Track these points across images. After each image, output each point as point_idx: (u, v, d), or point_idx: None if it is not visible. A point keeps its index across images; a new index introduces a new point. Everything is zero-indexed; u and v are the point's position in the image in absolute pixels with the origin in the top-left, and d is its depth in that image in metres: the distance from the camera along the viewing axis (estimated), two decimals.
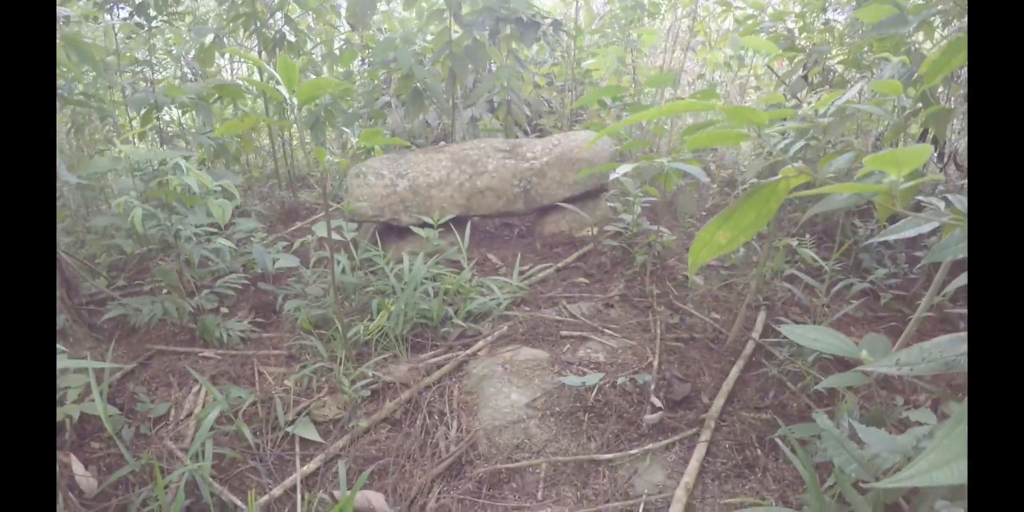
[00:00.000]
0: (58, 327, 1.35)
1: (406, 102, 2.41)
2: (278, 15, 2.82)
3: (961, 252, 0.65)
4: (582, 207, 2.00)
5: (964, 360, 0.52)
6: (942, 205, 0.70)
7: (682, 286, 1.66)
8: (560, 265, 1.76)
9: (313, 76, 2.99)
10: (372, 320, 1.28)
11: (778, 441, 0.96)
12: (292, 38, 2.78)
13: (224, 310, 1.40)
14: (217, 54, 2.74)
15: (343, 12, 3.01)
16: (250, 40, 3.13)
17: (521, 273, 1.74)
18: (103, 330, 1.47)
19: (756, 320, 1.44)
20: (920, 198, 0.93)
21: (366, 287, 1.38)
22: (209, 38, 2.56)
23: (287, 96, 1.00)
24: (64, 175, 1.30)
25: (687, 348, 1.31)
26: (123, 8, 2.75)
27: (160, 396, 1.20)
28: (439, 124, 3.07)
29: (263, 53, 2.81)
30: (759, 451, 1.04)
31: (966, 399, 0.46)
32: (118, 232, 1.62)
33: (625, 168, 1.17)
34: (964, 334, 0.55)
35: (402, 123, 2.78)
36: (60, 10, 1.53)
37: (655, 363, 1.19)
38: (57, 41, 1.76)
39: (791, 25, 2.73)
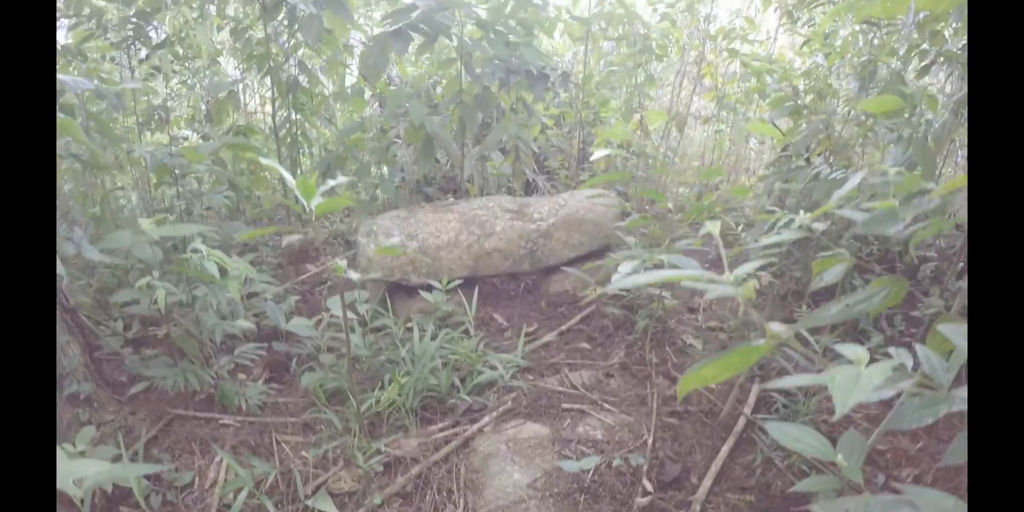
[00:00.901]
0: (83, 395, 1.47)
1: (417, 151, 2.57)
2: (293, 57, 2.98)
3: (921, 421, 0.76)
4: (588, 264, 2.13)
5: None
6: (909, 362, 0.81)
7: (681, 352, 1.78)
8: (563, 328, 1.89)
9: (326, 117, 3.14)
10: (383, 389, 1.41)
11: None
12: (305, 83, 2.94)
13: (241, 376, 1.53)
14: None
15: (357, 51, 3.17)
16: (265, 81, 3.30)
17: (526, 335, 1.87)
18: (121, 384, 1.60)
19: (750, 392, 1.56)
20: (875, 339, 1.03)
21: (377, 355, 1.51)
22: (224, 93, 2.71)
23: (306, 206, 1.13)
24: (87, 251, 1.43)
25: (681, 423, 1.42)
26: (139, 49, 2.92)
27: (184, 463, 1.32)
28: (448, 160, 3.20)
29: (276, 95, 2.97)
30: None
31: None
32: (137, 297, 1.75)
33: (626, 268, 1.31)
34: (908, 498, 0.66)
35: (411, 165, 2.93)
36: (83, 82, 1.66)
37: (649, 441, 1.31)
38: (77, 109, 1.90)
39: (797, 82, 2.87)
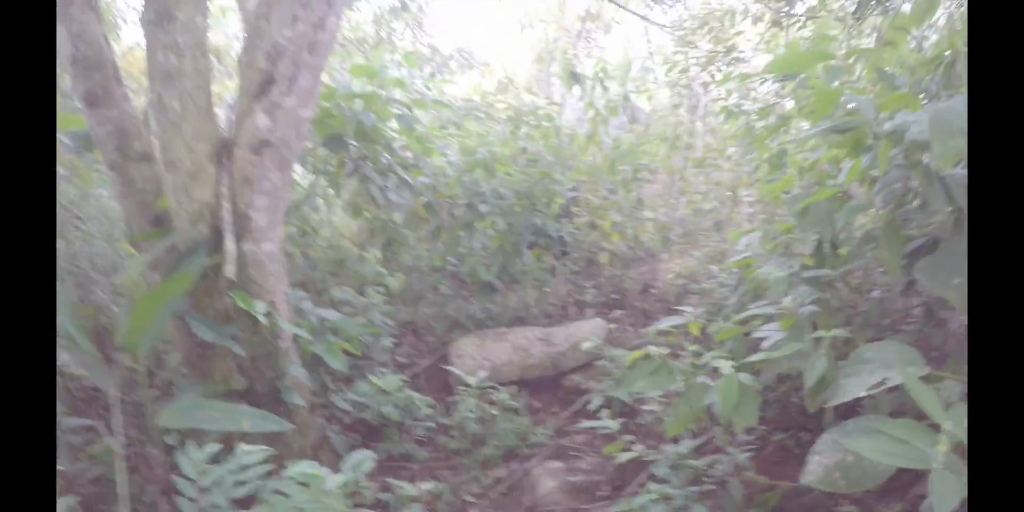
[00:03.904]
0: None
1: (477, 291, 4.65)
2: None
3: None
4: (586, 369, 4.16)
5: None
6: None
7: (640, 419, 3.74)
8: (573, 408, 3.89)
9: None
10: (486, 446, 3.42)
11: None
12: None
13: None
14: None
15: None
16: None
17: (551, 412, 3.88)
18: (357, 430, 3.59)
19: None
20: None
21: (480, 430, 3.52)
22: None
23: None
24: (340, 403, 3.47)
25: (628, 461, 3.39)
26: None
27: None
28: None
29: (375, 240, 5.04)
30: None
31: None
32: None
33: (596, 402, 3.31)
34: None
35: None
36: None
37: (609, 469, 3.28)
38: None
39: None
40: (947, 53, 2.77)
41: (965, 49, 2.66)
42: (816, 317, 2.54)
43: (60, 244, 2.89)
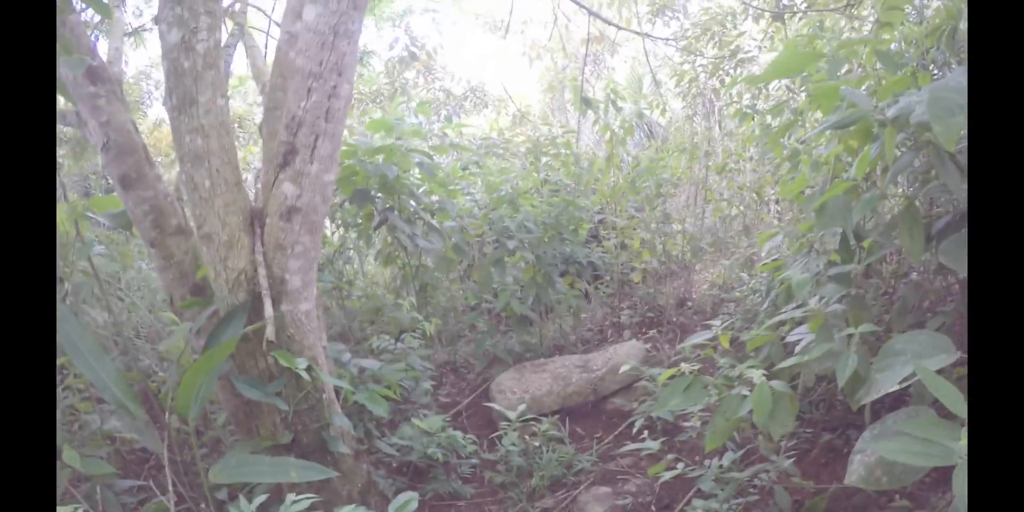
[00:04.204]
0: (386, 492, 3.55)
1: (514, 325, 4.71)
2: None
3: None
4: (627, 391, 4.14)
5: None
6: None
7: (680, 437, 3.70)
8: (616, 432, 3.88)
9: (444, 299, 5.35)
10: (532, 478, 3.43)
11: None
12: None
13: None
14: None
15: None
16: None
17: (595, 438, 3.87)
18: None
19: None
20: None
21: (526, 463, 3.54)
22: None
23: None
24: (384, 448, 3.56)
25: (674, 480, 3.34)
26: None
27: None
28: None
29: (405, 280, 5.16)
30: None
31: None
32: None
33: (638, 423, 3.30)
34: None
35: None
36: None
37: (656, 489, 3.25)
38: None
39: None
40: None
41: (963, 11, 2.62)
42: (847, 314, 2.52)
43: (105, 316, 3.09)
